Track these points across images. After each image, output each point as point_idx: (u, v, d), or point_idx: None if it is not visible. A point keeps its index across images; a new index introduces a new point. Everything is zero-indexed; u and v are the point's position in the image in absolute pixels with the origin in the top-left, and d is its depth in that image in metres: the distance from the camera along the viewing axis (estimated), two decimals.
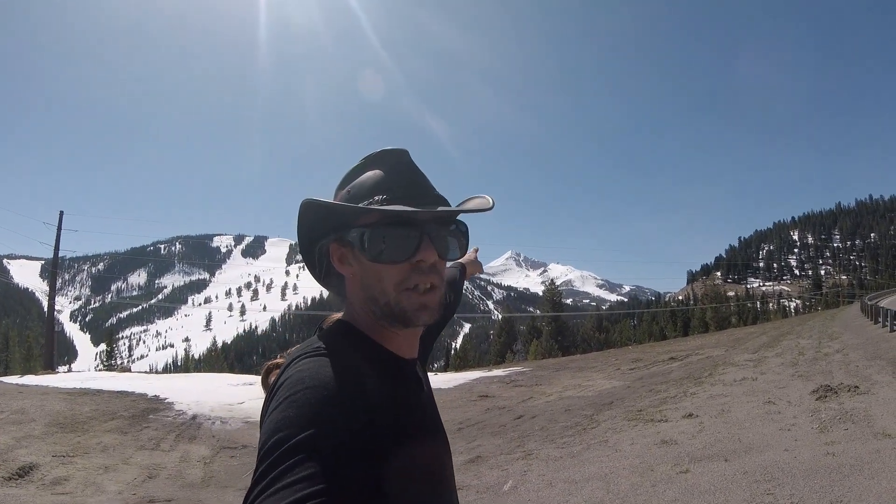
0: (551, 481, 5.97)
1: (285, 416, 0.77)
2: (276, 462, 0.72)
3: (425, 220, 0.97)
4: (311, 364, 0.86)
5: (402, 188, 0.98)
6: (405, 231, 0.95)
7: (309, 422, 0.76)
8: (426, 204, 0.97)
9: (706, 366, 14.54)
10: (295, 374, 0.85)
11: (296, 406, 0.78)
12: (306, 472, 0.70)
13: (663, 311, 75.89)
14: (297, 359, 0.90)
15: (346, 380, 0.83)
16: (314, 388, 0.80)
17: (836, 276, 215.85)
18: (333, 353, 0.89)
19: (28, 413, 10.04)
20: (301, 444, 0.73)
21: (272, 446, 0.74)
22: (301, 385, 0.81)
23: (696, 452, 6.26)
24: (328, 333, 0.99)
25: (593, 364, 20.59)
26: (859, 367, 10.84)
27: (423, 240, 0.96)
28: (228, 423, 10.29)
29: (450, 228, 1.02)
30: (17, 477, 6.57)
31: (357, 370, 0.87)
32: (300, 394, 0.80)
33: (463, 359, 48.19)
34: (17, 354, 45.45)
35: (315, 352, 0.90)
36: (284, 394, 0.81)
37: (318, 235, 1.03)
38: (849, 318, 30.67)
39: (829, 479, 4.90)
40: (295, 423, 0.75)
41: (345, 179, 1.05)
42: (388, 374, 0.95)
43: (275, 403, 0.81)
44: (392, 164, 1.02)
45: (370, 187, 0.98)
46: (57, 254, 32.06)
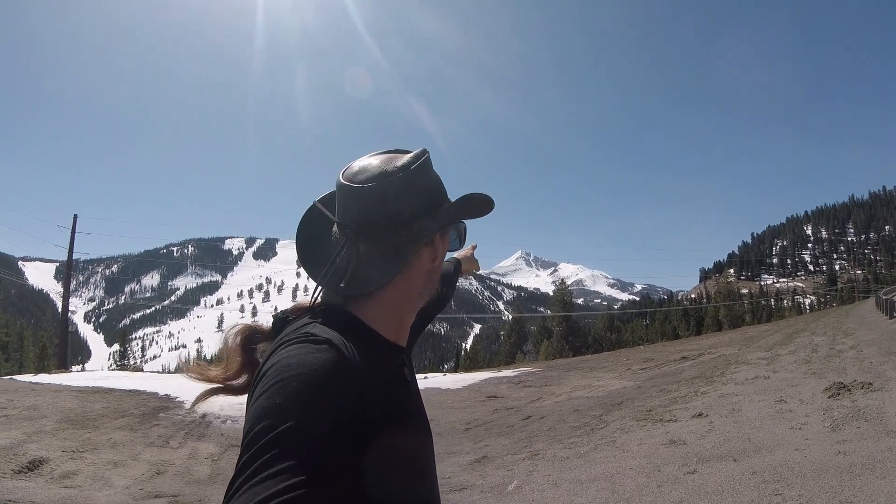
0: (557, 481, 5.92)
1: (271, 403, 0.75)
2: (260, 451, 0.70)
3: None
4: (299, 350, 0.83)
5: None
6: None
7: (295, 410, 0.74)
8: None
9: (718, 365, 14.41)
10: (283, 359, 0.82)
11: (283, 393, 0.76)
12: (290, 462, 0.69)
13: (676, 310, 75.41)
14: (285, 343, 0.87)
15: (334, 368, 0.81)
16: (301, 376, 0.78)
17: (851, 270, 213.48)
18: (323, 340, 0.85)
19: (40, 409, 10.20)
20: (286, 434, 0.71)
21: (257, 434, 0.73)
22: (288, 371, 0.79)
23: (705, 452, 6.18)
24: (319, 319, 0.94)
25: (604, 364, 20.49)
26: (873, 363, 10.67)
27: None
28: (238, 421, 10.29)
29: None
30: (27, 470, 6.63)
31: (346, 359, 0.84)
32: (287, 381, 0.77)
33: (473, 359, 48.29)
34: (31, 354, 46.18)
35: (304, 338, 0.86)
36: (271, 380, 0.79)
37: (410, 222, 0.99)
38: (864, 313, 30.30)
39: (839, 478, 4.82)
40: (281, 412, 0.74)
41: (423, 175, 1.02)
42: (381, 362, 0.93)
43: (261, 389, 0.79)
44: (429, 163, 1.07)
45: (443, 187, 1.09)
46: (71, 256, 32.26)
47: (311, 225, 1.08)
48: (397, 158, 1.01)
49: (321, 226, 1.07)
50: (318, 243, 1.06)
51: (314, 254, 1.05)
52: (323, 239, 1.06)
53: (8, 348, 47.16)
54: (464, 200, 1.04)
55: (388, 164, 0.99)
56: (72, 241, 31.51)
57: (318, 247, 1.05)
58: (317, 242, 1.06)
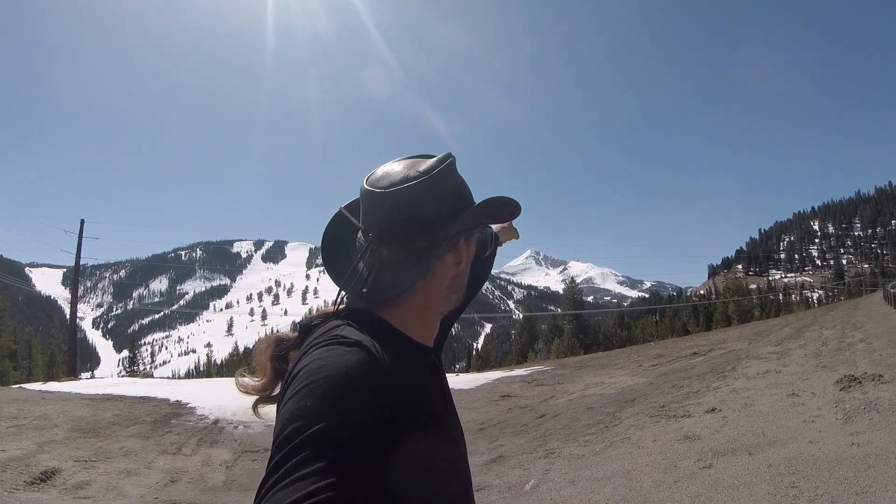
0: (574, 479, 5.91)
1: (302, 405, 0.76)
2: (291, 453, 0.71)
3: None
4: (329, 352, 0.84)
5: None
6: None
7: (326, 412, 0.75)
8: None
9: (729, 359, 14.35)
10: (313, 361, 0.83)
11: (313, 396, 0.77)
12: (320, 464, 0.69)
13: (685, 307, 75.26)
14: (315, 346, 0.88)
15: (364, 370, 0.82)
16: (332, 378, 0.79)
17: (858, 265, 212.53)
18: (352, 342, 0.87)
19: (51, 419, 10.18)
20: (316, 436, 0.72)
21: (288, 436, 0.73)
22: (319, 374, 0.80)
23: (720, 447, 6.17)
24: (347, 322, 0.95)
25: (616, 361, 20.43)
26: (883, 355, 10.61)
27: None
28: (251, 427, 10.34)
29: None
30: (40, 482, 6.59)
31: (376, 361, 0.84)
32: (318, 383, 0.78)
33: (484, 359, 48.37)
34: (39, 362, 46.42)
35: (334, 340, 0.88)
36: (302, 382, 0.80)
37: (437, 225, 0.98)
38: (872, 306, 30.18)
39: (854, 469, 4.80)
40: (312, 414, 0.75)
41: (448, 179, 1.01)
42: (410, 363, 0.93)
43: (292, 391, 0.80)
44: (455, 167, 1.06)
45: (469, 191, 1.06)
46: (78, 261, 32.27)
47: (335, 231, 1.08)
48: (420, 163, 1.01)
49: (346, 232, 1.07)
50: (343, 249, 1.06)
51: (338, 259, 1.05)
52: (348, 245, 1.06)
53: (16, 356, 47.30)
54: (487, 203, 1.02)
55: (411, 168, 0.99)
56: (79, 247, 31.42)
57: (342, 252, 1.06)
58: (342, 248, 1.06)
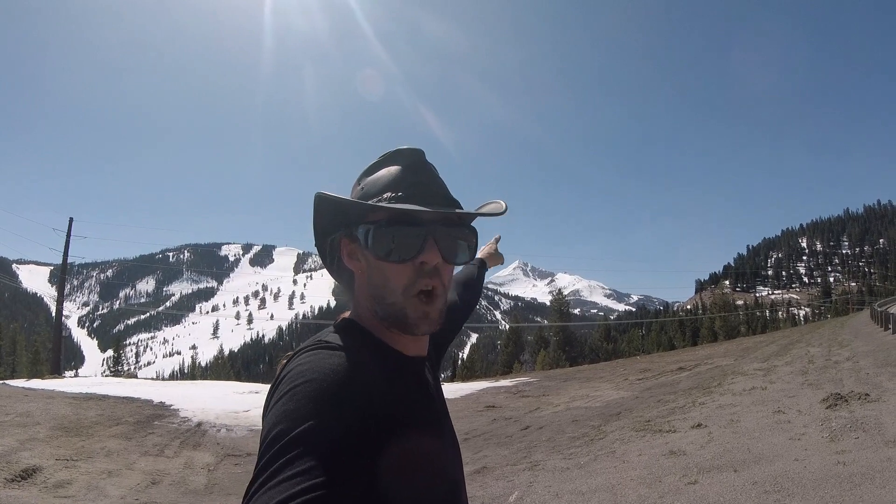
0: (557, 493, 5.89)
1: (286, 409, 0.78)
2: (276, 455, 0.73)
3: (432, 220, 0.96)
4: (312, 357, 0.87)
5: (413, 187, 0.98)
6: (411, 231, 0.94)
7: (308, 415, 0.77)
8: (435, 205, 0.96)
9: (715, 375, 14.43)
10: (297, 367, 0.86)
11: (296, 399, 0.79)
12: (305, 466, 0.71)
13: (672, 321, 75.73)
14: (299, 352, 0.92)
15: (346, 374, 0.84)
16: (314, 382, 0.81)
17: (846, 283, 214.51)
18: (335, 347, 0.90)
19: (33, 416, 10.09)
20: (300, 437, 0.74)
21: (274, 438, 0.75)
22: (301, 378, 0.82)
23: (705, 463, 6.17)
24: (333, 330, 1.00)
25: (601, 374, 20.52)
26: (869, 374, 10.71)
27: (428, 241, 0.95)
28: (234, 430, 10.27)
29: (459, 232, 1.01)
30: (20, 479, 6.52)
31: (357, 365, 0.87)
32: (300, 387, 0.81)
33: (470, 369, 48.33)
34: (24, 358, 46.13)
35: (317, 345, 0.91)
36: (286, 387, 0.82)
37: (330, 229, 1.05)
38: (858, 325, 30.44)
39: (839, 488, 4.82)
40: (295, 416, 0.77)
41: (361, 176, 1.05)
42: (390, 370, 0.95)
43: (277, 396, 0.83)
44: (405, 164, 1.01)
45: (382, 185, 0.99)
46: (66, 260, 32.25)
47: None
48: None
49: None
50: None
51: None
52: None
53: (0, 352, 47.06)
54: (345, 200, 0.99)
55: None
56: (67, 245, 31.54)
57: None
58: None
